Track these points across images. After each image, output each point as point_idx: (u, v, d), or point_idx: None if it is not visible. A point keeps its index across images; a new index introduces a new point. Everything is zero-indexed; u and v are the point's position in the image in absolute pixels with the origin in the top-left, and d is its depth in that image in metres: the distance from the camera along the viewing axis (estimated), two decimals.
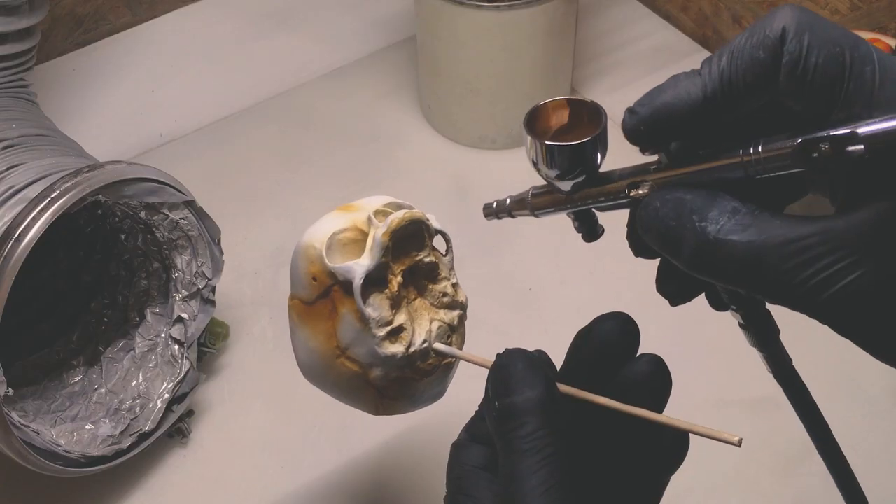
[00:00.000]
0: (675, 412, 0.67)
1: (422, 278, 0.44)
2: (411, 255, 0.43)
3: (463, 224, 0.78)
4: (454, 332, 0.45)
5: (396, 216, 0.41)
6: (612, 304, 0.72)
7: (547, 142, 0.35)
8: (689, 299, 0.39)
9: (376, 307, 0.41)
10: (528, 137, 0.36)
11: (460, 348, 0.45)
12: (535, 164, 0.36)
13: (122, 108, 0.89)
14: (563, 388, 0.38)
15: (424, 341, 0.43)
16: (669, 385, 0.40)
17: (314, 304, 0.41)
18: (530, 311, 0.72)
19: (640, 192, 0.35)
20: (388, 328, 0.41)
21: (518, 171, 0.83)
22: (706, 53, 0.90)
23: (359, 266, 0.40)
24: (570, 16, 0.79)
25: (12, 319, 0.64)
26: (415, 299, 0.43)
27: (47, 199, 0.54)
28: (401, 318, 0.42)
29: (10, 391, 0.54)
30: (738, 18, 0.86)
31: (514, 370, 0.37)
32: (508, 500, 0.35)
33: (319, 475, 0.64)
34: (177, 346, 0.64)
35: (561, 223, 0.81)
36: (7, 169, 0.60)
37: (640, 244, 0.37)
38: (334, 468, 0.64)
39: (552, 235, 0.76)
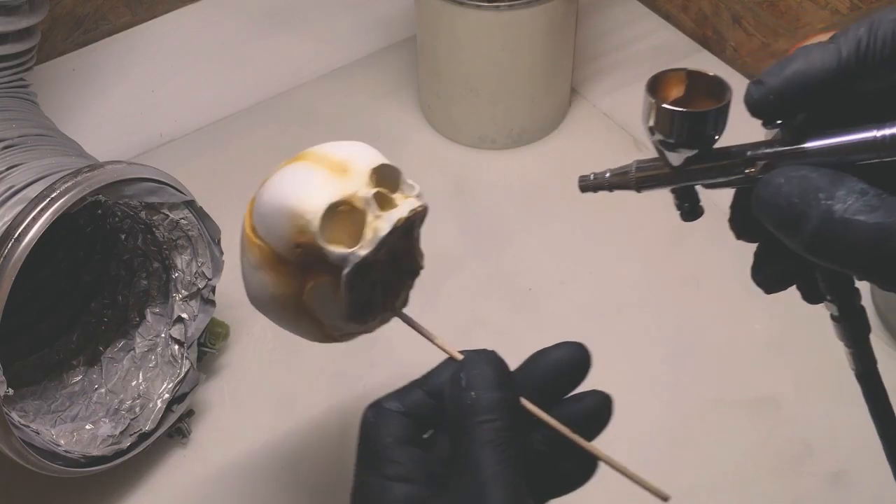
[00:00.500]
0: (675, 412, 0.68)
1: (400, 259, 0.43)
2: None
3: (463, 224, 0.78)
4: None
5: (402, 214, 0.40)
6: (612, 303, 0.72)
7: (670, 106, 0.33)
8: (786, 287, 0.38)
9: (357, 291, 0.40)
10: (649, 100, 0.34)
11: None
12: (652, 131, 0.34)
13: (122, 108, 0.89)
14: (523, 400, 0.38)
15: (389, 312, 0.42)
16: (607, 423, 0.40)
17: (287, 263, 0.40)
18: (530, 311, 0.72)
19: (757, 169, 0.34)
20: (362, 308, 0.41)
21: (518, 171, 0.83)
22: (706, 53, 0.90)
23: (355, 257, 0.40)
24: (570, 16, 0.79)
25: (13, 319, 0.64)
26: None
27: (47, 199, 0.53)
28: (375, 297, 0.42)
29: (10, 391, 0.54)
30: (738, 18, 0.86)
31: (494, 368, 0.37)
32: (464, 488, 0.35)
33: (319, 475, 0.64)
34: (177, 346, 0.64)
35: (560, 223, 0.82)
36: (7, 169, 0.60)
37: (745, 223, 0.36)
38: (334, 468, 0.64)
39: (552, 236, 0.76)
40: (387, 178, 0.41)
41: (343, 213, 0.40)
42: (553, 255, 0.75)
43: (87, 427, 0.61)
